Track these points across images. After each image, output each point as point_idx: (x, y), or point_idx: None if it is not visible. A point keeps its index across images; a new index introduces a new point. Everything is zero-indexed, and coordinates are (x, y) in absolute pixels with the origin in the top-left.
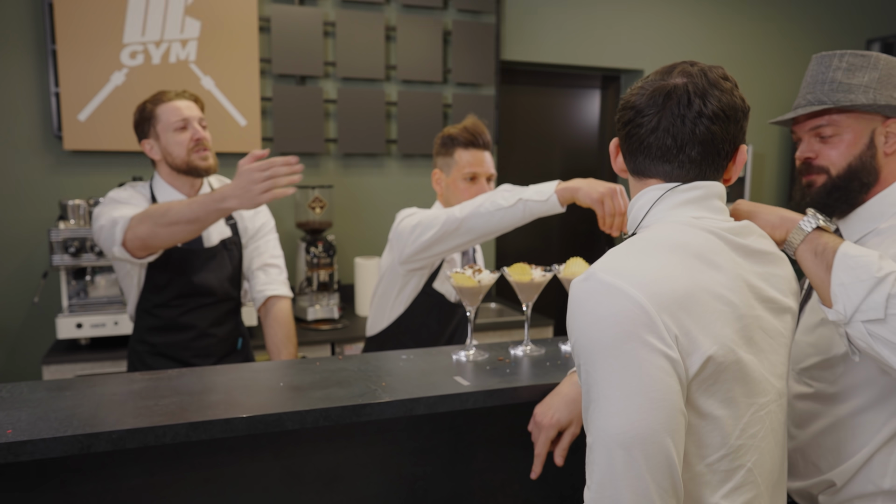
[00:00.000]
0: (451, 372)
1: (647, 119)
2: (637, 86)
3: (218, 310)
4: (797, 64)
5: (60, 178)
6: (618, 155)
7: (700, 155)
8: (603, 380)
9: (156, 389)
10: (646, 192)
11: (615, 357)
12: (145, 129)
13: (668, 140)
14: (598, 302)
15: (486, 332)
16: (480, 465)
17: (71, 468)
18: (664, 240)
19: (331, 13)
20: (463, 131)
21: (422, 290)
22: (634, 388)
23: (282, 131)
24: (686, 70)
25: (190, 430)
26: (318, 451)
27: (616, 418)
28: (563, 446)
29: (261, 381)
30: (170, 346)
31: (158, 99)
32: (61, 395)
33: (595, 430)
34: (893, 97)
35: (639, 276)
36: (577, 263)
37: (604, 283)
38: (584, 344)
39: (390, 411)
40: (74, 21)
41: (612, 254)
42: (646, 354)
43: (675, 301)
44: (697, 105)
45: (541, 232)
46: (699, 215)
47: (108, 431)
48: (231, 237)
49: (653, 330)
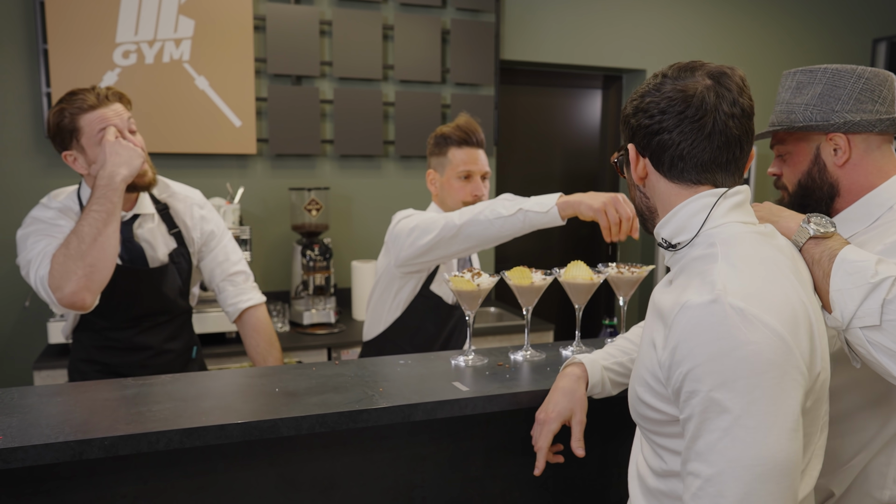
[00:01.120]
0: (450, 377)
1: (694, 125)
2: (654, 91)
3: (173, 325)
4: (802, 64)
5: (52, 181)
6: (638, 161)
7: (741, 155)
8: (738, 408)
9: (149, 395)
10: (696, 199)
11: (755, 387)
12: (65, 140)
13: (720, 142)
14: (734, 328)
15: (486, 336)
16: (480, 472)
17: (63, 475)
18: (759, 255)
19: (327, 12)
20: (456, 129)
21: (419, 292)
22: (773, 417)
23: (277, 132)
24: (709, 70)
25: (184, 436)
26: (314, 459)
27: (754, 449)
28: (576, 437)
29: (256, 386)
30: (124, 366)
31: (77, 106)
32: (53, 400)
33: (724, 459)
34: (835, 111)
35: (770, 303)
36: (577, 267)
37: (736, 308)
38: (713, 370)
39: (388, 417)
40: (66, 20)
41: (724, 274)
42: (786, 385)
43: (800, 326)
44: (740, 104)
45: (541, 235)
46: (746, 220)
47: (101, 438)
48: (177, 248)
49: (792, 361)
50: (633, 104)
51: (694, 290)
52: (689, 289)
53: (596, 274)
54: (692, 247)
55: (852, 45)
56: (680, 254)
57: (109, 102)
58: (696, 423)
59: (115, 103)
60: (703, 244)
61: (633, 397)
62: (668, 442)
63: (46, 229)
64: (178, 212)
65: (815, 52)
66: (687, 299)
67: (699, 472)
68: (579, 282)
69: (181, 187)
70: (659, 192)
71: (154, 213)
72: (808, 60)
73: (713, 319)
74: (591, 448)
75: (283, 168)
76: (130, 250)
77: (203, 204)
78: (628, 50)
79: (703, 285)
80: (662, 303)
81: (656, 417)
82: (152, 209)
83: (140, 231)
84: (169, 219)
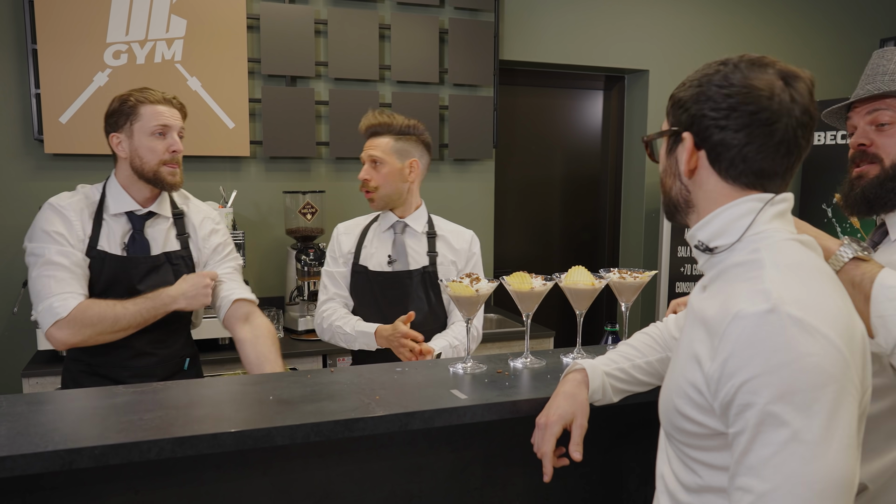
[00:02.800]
0: (448, 385)
1: (763, 129)
2: (725, 84)
3: (159, 329)
4: (810, 63)
5: (41, 183)
6: (693, 153)
7: (796, 164)
8: (797, 422)
9: (140, 403)
10: (741, 202)
11: (815, 400)
12: (119, 122)
13: (784, 151)
14: (793, 339)
15: (485, 343)
16: (479, 482)
17: (52, 485)
18: (808, 264)
19: (322, 11)
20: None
21: (352, 271)
22: (833, 433)
23: (271, 134)
24: (781, 69)
25: (176, 445)
26: (308, 468)
27: (814, 464)
28: (575, 441)
29: (249, 394)
30: (106, 366)
31: (144, 96)
32: (42, 408)
33: (780, 475)
34: None
35: (826, 314)
36: (578, 272)
37: (795, 319)
38: (770, 382)
39: (384, 426)
40: (56, 19)
41: (781, 283)
42: (844, 399)
43: (854, 339)
44: (809, 113)
45: (541, 239)
46: (787, 229)
47: (91, 447)
48: (178, 251)
49: (849, 374)
50: (693, 88)
51: (745, 298)
52: (737, 297)
53: (597, 279)
54: (732, 252)
55: (860, 45)
56: (717, 258)
57: (172, 106)
58: (749, 436)
59: (176, 110)
60: (744, 249)
61: (670, 409)
62: (705, 456)
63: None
64: (192, 220)
65: (823, 51)
66: (739, 308)
67: (751, 488)
68: (580, 287)
69: (201, 202)
70: (707, 190)
71: (170, 218)
72: (815, 60)
73: (770, 329)
74: (594, 457)
75: (278, 171)
76: (137, 242)
77: (218, 221)
78: (631, 49)
79: (755, 293)
80: (705, 311)
81: (696, 431)
82: (168, 213)
83: (150, 230)
84: (181, 224)
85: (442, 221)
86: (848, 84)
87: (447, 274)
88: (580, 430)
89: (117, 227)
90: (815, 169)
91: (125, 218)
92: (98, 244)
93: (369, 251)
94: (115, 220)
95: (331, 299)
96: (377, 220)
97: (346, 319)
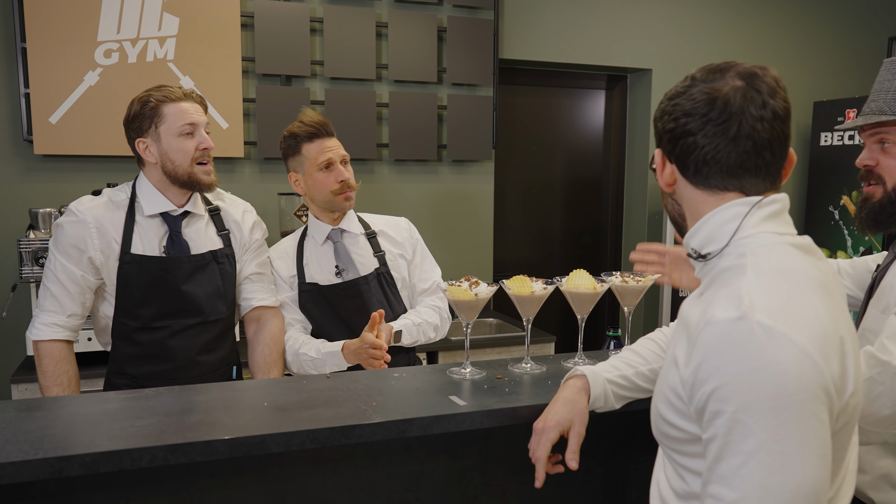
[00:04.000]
0: (447, 391)
1: (717, 128)
2: (682, 93)
3: (207, 332)
4: (816, 63)
5: (31, 185)
6: (665, 167)
7: (773, 160)
8: (765, 431)
9: (132, 410)
10: (727, 207)
11: (783, 409)
12: (143, 127)
13: (747, 146)
14: (762, 347)
15: (484, 348)
16: (477, 490)
17: (41, 493)
18: (791, 268)
19: (318, 9)
20: (301, 126)
21: (302, 291)
22: (803, 443)
23: (265, 134)
24: (740, 71)
25: (168, 452)
26: (304, 476)
27: (782, 475)
28: (572, 449)
29: (244, 400)
30: (152, 378)
31: (165, 95)
32: (31, 415)
33: (748, 485)
34: None
35: (798, 320)
36: (580, 276)
37: (764, 326)
38: (738, 390)
39: (381, 433)
40: (45, 17)
41: (752, 288)
42: (815, 408)
43: (831, 346)
44: (771, 106)
45: (542, 242)
46: (782, 231)
47: (82, 454)
48: (222, 249)
49: (821, 382)
50: (660, 107)
51: (720, 304)
52: (715, 303)
53: (599, 283)
54: (721, 257)
55: (868, 44)
56: (710, 265)
57: (193, 101)
58: (720, 444)
59: (198, 104)
60: (732, 255)
61: (656, 414)
62: (689, 462)
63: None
64: (230, 214)
65: (830, 50)
66: (712, 315)
67: (721, 496)
68: (582, 291)
69: (234, 197)
70: (687, 200)
71: (205, 215)
72: (822, 59)
73: (739, 337)
74: (595, 465)
75: (272, 172)
76: (177, 244)
77: (254, 212)
78: (633, 48)
79: (729, 300)
80: (690, 316)
81: (678, 436)
82: (203, 210)
83: (188, 230)
84: (219, 220)
85: (371, 217)
86: (855, 84)
87: (398, 269)
88: (577, 437)
89: (152, 229)
90: (821, 171)
91: (160, 219)
92: (132, 248)
93: (313, 268)
94: (149, 221)
95: (290, 325)
96: (305, 235)
97: (311, 344)
